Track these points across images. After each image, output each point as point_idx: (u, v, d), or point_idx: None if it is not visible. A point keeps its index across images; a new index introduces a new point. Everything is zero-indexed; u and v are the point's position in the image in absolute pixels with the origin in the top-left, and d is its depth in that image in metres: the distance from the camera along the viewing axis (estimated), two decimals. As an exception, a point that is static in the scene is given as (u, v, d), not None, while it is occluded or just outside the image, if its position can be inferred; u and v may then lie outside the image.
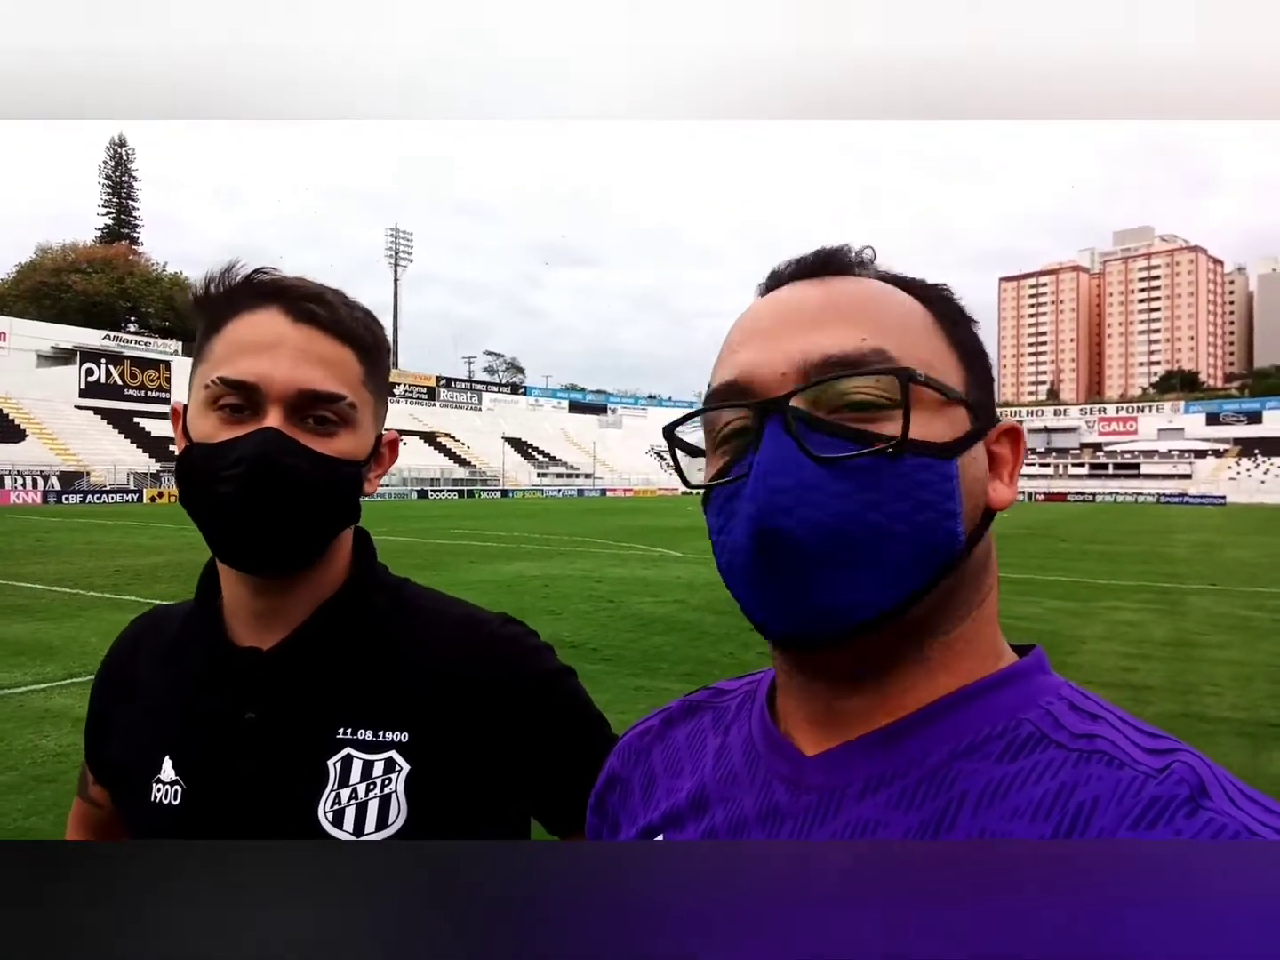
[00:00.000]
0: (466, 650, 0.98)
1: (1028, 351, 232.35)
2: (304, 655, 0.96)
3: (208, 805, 0.93)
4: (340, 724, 0.94)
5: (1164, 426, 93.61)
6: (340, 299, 0.96)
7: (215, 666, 0.97)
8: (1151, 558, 20.83)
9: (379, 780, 0.92)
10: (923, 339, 0.61)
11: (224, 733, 0.94)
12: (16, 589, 12.66)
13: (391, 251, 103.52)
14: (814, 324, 0.60)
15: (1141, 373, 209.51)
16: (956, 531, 0.57)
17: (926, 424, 0.58)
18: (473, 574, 14.88)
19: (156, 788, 0.96)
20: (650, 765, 0.75)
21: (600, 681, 7.46)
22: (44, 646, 8.83)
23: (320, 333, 0.92)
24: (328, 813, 0.91)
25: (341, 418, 0.93)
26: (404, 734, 0.94)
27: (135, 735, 1.01)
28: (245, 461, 0.87)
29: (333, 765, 0.92)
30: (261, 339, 0.90)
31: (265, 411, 0.89)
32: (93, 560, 16.58)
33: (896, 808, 0.57)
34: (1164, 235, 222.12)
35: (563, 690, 1.02)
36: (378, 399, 1.00)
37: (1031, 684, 0.60)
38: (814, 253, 0.65)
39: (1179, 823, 0.48)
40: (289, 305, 0.92)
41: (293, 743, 0.93)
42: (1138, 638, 10.22)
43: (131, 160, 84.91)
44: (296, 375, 0.89)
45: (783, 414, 0.57)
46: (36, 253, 72.56)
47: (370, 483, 1.00)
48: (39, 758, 5.62)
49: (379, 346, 0.98)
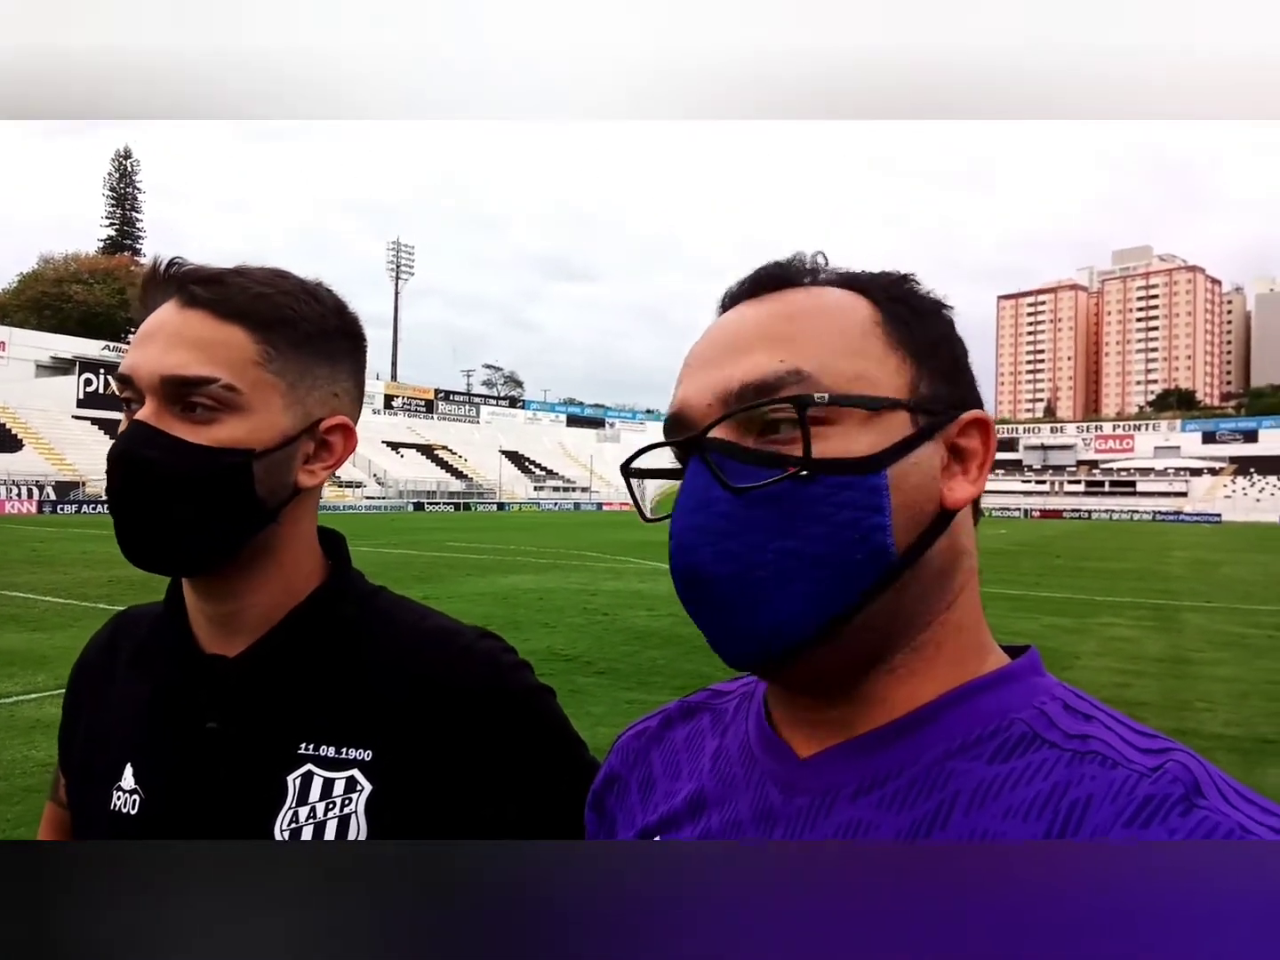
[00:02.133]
0: (440, 662, 0.94)
1: (1025, 369, 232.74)
2: (269, 665, 0.92)
3: (164, 816, 0.90)
4: (303, 739, 0.90)
5: (1160, 444, 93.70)
6: (253, 279, 0.90)
7: (180, 672, 0.94)
8: (1147, 575, 20.82)
9: (339, 799, 0.88)
10: (855, 349, 0.60)
11: (185, 742, 0.91)
12: (10, 599, 12.61)
13: (393, 264, 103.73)
14: (739, 350, 0.60)
15: (1138, 391, 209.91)
16: (885, 544, 0.56)
17: (849, 439, 0.57)
18: (468, 586, 14.84)
19: (116, 795, 0.93)
20: (649, 766, 0.75)
21: (594, 695, 7.44)
22: (37, 656, 8.79)
23: (203, 314, 0.87)
24: (284, 830, 0.88)
25: (221, 402, 0.86)
26: (367, 752, 0.89)
27: (100, 740, 0.98)
28: (110, 458, 0.86)
29: (292, 781, 0.89)
30: (147, 329, 0.88)
31: (145, 403, 0.86)
32: (87, 570, 16.52)
33: (889, 808, 0.57)
34: (1163, 255, 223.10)
35: (539, 709, 0.97)
36: (295, 380, 0.91)
37: (1025, 684, 0.60)
38: (763, 267, 0.65)
39: (1173, 821, 0.48)
40: (180, 292, 0.89)
41: (252, 756, 0.90)
42: (1132, 654, 10.21)
43: (136, 172, 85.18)
44: (162, 362, 0.85)
45: (701, 451, 0.59)
46: (39, 263, 72.71)
47: (313, 474, 0.94)
48: (29, 768, 5.59)
49: (290, 322, 0.90)
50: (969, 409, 0.62)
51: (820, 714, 0.61)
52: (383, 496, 59.34)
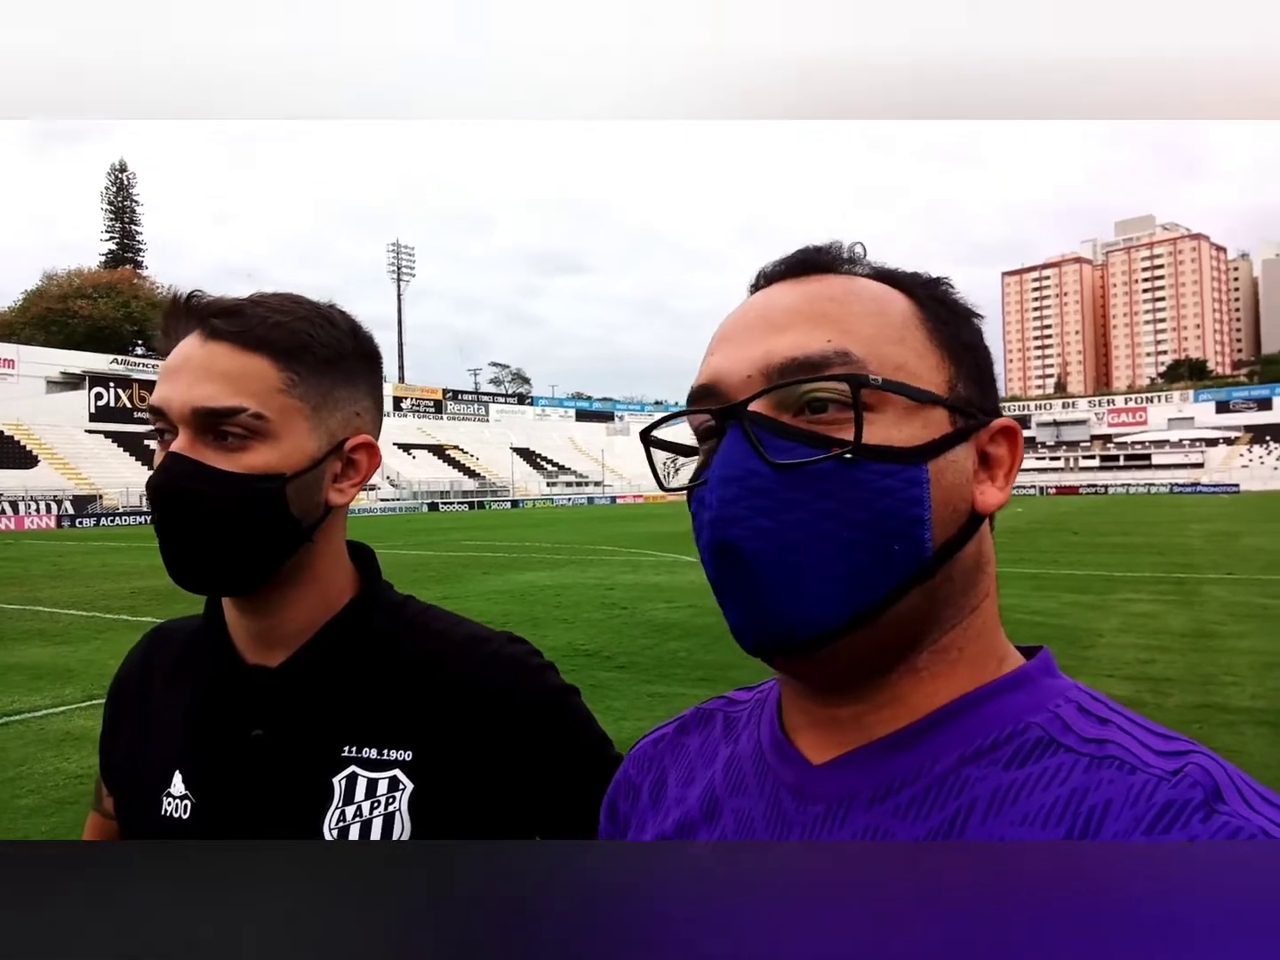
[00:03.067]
0: (470, 668, 0.98)
1: (1033, 345, 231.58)
2: (309, 674, 0.96)
3: (216, 820, 0.94)
4: (345, 742, 0.94)
5: (1174, 416, 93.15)
6: (271, 307, 0.93)
7: (224, 683, 0.98)
8: (1166, 548, 20.72)
9: (383, 798, 0.93)
10: (897, 338, 0.59)
11: (231, 749, 0.95)
12: (35, 613, 12.73)
13: (394, 266, 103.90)
14: (781, 327, 0.59)
15: (1149, 363, 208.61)
16: (922, 539, 0.56)
17: (893, 427, 0.56)
18: (485, 585, 14.88)
19: (166, 801, 0.97)
20: (662, 771, 0.75)
21: (615, 689, 7.45)
22: (63, 669, 8.87)
23: (226, 347, 0.90)
24: (332, 830, 0.92)
25: (251, 430, 0.89)
26: (408, 753, 0.94)
27: (145, 749, 1.02)
28: (150, 489, 0.91)
29: (338, 783, 0.93)
30: (172, 363, 0.92)
31: (179, 435, 0.90)
32: (109, 583, 16.65)
33: (905, 817, 0.56)
34: (1165, 224, 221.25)
35: (566, 709, 1.01)
36: (319, 404, 0.94)
37: (1039, 687, 0.59)
38: (800, 251, 0.64)
39: (1194, 827, 0.47)
40: (201, 325, 0.92)
41: (298, 760, 0.94)
42: (1155, 629, 10.17)
43: (133, 185, 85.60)
44: (191, 394, 0.89)
45: (741, 420, 0.57)
46: (42, 280, 73.19)
47: (342, 492, 0.97)
48: (61, 780, 5.64)
49: (308, 347, 0.93)
50: (988, 418, 0.61)
51: (835, 715, 0.60)
52: (397, 499, 59.56)
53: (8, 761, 6.00)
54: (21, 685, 8.23)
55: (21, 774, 5.77)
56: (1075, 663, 8.27)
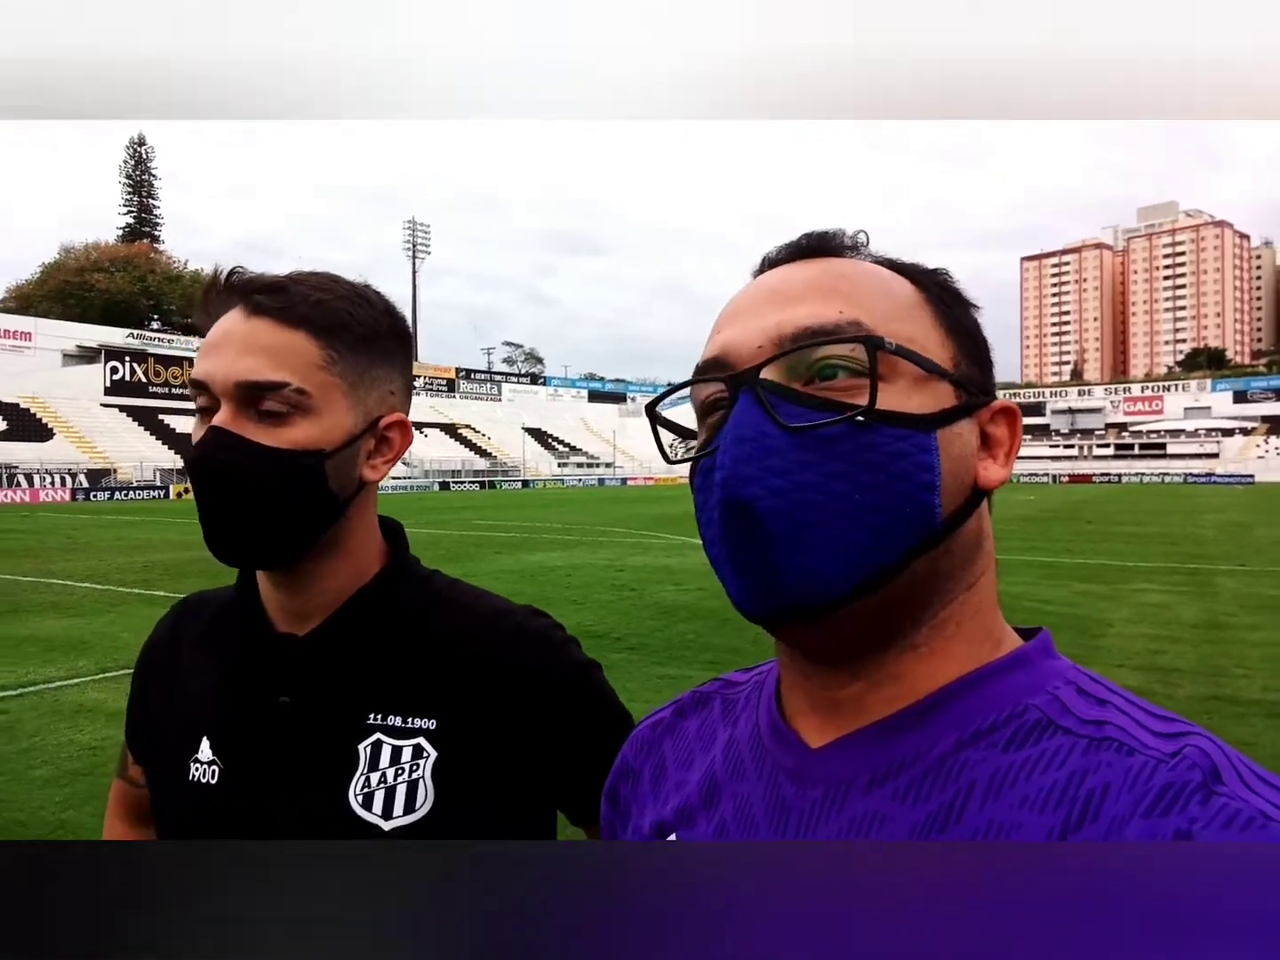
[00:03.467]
0: (494, 641, 1.00)
1: (1050, 331, 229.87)
2: (337, 642, 0.98)
3: (244, 785, 0.96)
4: (371, 710, 0.96)
5: (1190, 405, 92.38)
6: (311, 285, 0.95)
7: (253, 651, 1.00)
8: (1179, 539, 20.61)
9: (407, 765, 0.94)
10: (906, 315, 0.60)
11: (259, 715, 0.97)
12: (49, 586, 12.86)
13: (409, 244, 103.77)
14: (794, 298, 0.60)
15: (1167, 351, 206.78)
16: (933, 505, 0.56)
17: (903, 395, 0.57)
18: (496, 564, 14.95)
19: (194, 767, 0.98)
20: (661, 756, 0.75)
21: (624, 670, 7.48)
22: (76, 642, 8.97)
23: (269, 322, 0.91)
24: (357, 795, 0.93)
25: (292, 405, 0.91)
26: (432, 721, 0.95)
27: (174, 717, 1.03)
28: (192, 464, 0.91)
29: (363, 750, 0.94)
30: (214, 337, 0.92)
31: (220, 409, 0.91)
32: (122, 556, 16.80)
33: (903, 801, 0.56)
34: (1189, 210, 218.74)
35: (588, 683, 1.03)
36: (356, 381, 0.96)
37: (1037, 669, 0.59)
38: (805, 236, 0.65)
39: (1193, 809, 0.47)
40: (244, 300, 0.93)
41: (324, 727, 0.95)
42: (1166, 620, 10.13)
43: (151, 159, 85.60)
44: (234, 368, 0.89)
45: (753, 385, 0.57)
46: (60, 253, 73.40)
47: (375, 469, 0.99)
48: (74, 752, 5.71)
49: (347, 325, 0.94)
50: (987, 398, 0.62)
51: (835, 697, 0.60)
52: (409, 477, 59.71)
53: (22, 733, 6.08)
54: (35, 657, 8.32)
55: (35, 745, 5.85)
56: (1085, 652, 8.25)
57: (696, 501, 0.62)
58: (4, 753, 5.68)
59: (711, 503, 0.58)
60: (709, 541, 0.60)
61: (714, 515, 0.58)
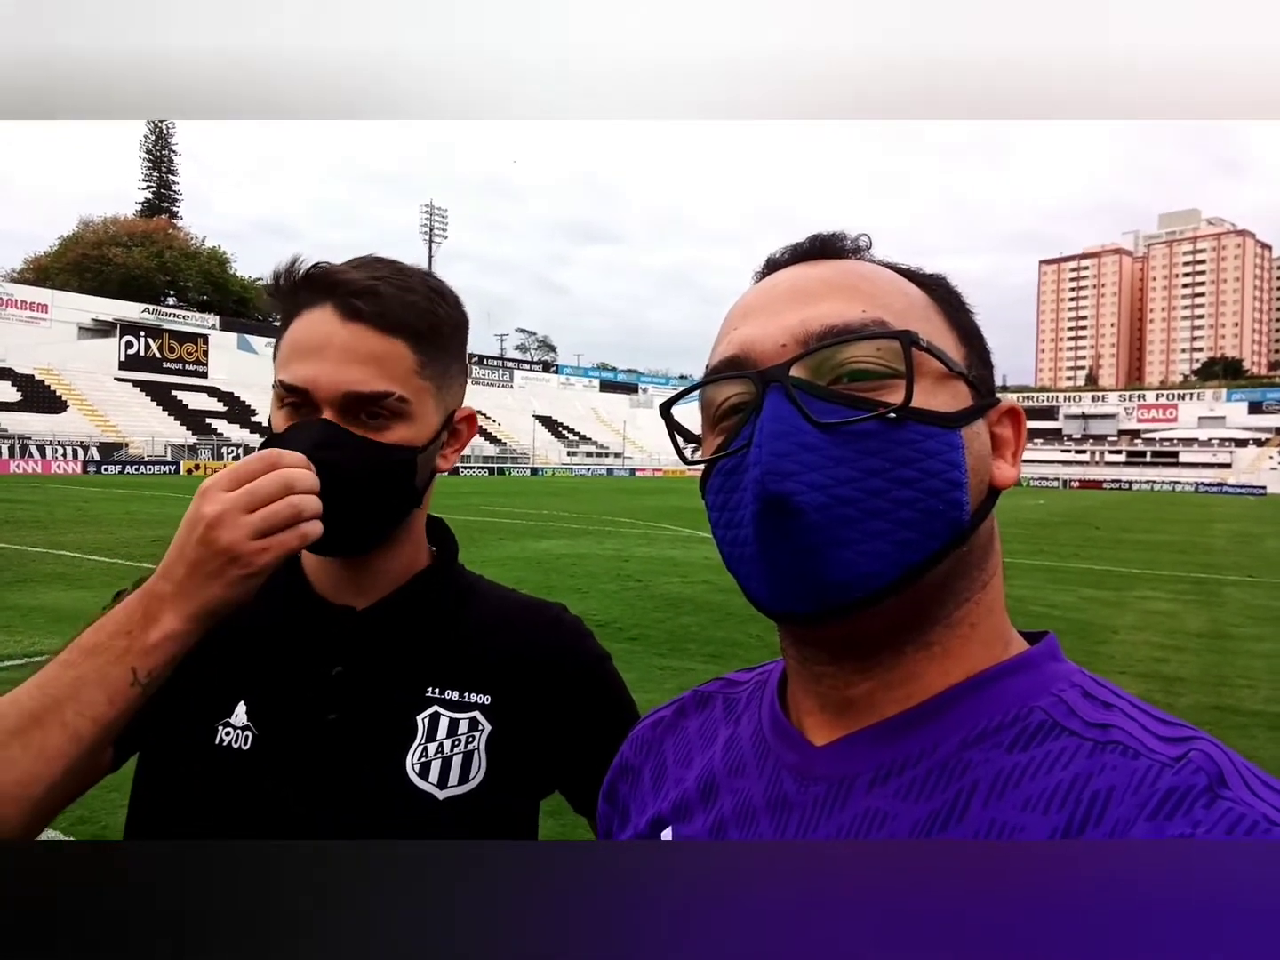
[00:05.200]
0: (537, 629, 1.07)
1: (1066, 336, 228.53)
2: (398, 617, 1.01)
3: (282, 752, 0.95)
4: (429, 683, 0.99)
5: (1205, 414, 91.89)
6: (397, 285, 0.96)
7: (302, 621, 1.01)
8: (1188, 548, 20.51)
9: (463, 737, 0.97)
10: (923, 315, 0.61)
11: (307, 684, 0.97)
12: (57, 557, 12.94)
13: (426, 228, 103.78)
14: (813, 297, 0.60)
15: (1183, 359, 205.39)
16: (962, 501, 0.56)
17: (929, 394, 0.57)
18: (502, 550, 15.01)
19: (223, 730, 0.97)
20: (661, 755, 0.75)
21: (627, 661, 7.50)
22: (84, 614, 8.98)
23: (369, 329, 0.93)
24: (415, 764, 0.95)
25: (393, 411, 0.94)
26: (486, 697, 1.00)
27: (198, 681, 1.00)
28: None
29: (421, 720, 0.97)
30: (311, 341, 0.93)
31: (321, 411, 0.92)
32: (131, 530, 16.89)
33: (906, 798, 0.56)
34: (1211, 219, 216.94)
35: (607, 674, 1.10)
36: (441, 382, 0.99)
37: (1043, 671, 0.59)
38: (810, 238, 0.65)
39: (1197, 813, 0.47)
40: (340, 302, 0.93)
41: (382, 697, 0.98)
42: (1171, 628, 10.09)
43: (171, 134, 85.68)
44: (341, 378, 0.91)
45: (783, 382, 0.57)
46: (78, 226, 73.61)
47: (445, 459, 1.04)
48: (79, 722, 5.76)
49: (437, 329, 0.97)
50: (995, 399, 0.63)
51: (848, 691, 0.60)
52: (417, 460, 59.68)
53: (27, 700, 6.14)
54: (43, 628, 8.38)
55: (40, 713, 5.90)
56: (1088, 658, 8.22)
57: (713, 503, 0.61)
58: (9, 720, 5.74)
59: (743, 501, 0.57)
60: (734, 542, 0.59)
61: (745, 514, 0.57)
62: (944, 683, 0.59)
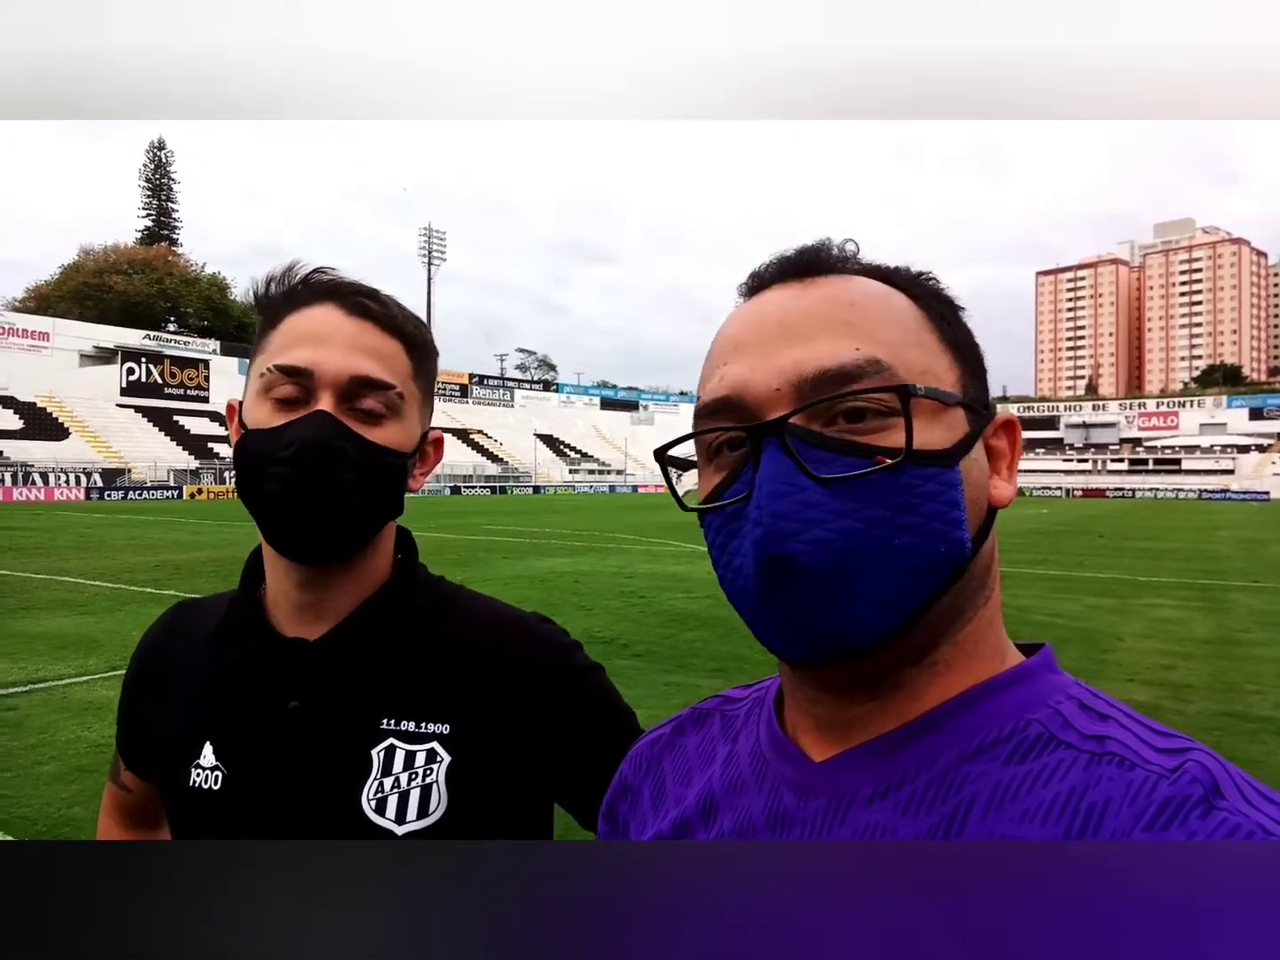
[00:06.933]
0: (507, 644, 1.01)
1: (1065, 346, 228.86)
2: (349, 647, 0.98)
3: (248, 791, 0.95)
4: (384, 715, 0.96)
5: (1206, 421, 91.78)
6: (392, 299, 1.00)
7: (259, 656, 0.99)
8: (1193, 554, 20.45)
9: (421, 770, 0.94)
10: (915, 341, 0.59)
11: (266, 721, 0.96)
12: (60, 583, 12.93)
13: (424, 250, 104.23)
14: (804, 334, 0.58)
15: (1183, 367, 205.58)
16: (963, 540, 0.56)
17: (926, 431, 0.56)
18: (506, 569, 14.96)
19: (195, 772, 0.97)
20: (661, 774, 0.74)
21: (632, 678, 7.46)
22: (87, 640, 9.01)
23: (373, 326, 0.95)
24: (371, 800, 0.93)
25: (390, 408, 0.95)
26: (445, 726, 0.96)
27: (172, 722, 1.02)
28: (298, 443, 0.89)
29: (376, 754, 0.94)
30: (316, 330, 0.94)
31: (317, 398, 0.91)
32: (134, 556, 16.88)
33: (905, 813, 0.56)
34: (1206, 227, 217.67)
35: (593, 686, 1.05)
36: (424, 396, 1.02)
37: (1039, 683, 0.59)
38: (796, 251, 0.64)
39: (1193, 824, 0.47)
40: (343, 300, 0.95)
41: (337, 732, 0.95)
42: (1178, 635, 10.04)
43: (170, 163, 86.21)
44: (349, 362, 0.92)
45: (780, 436, 0.56)
46: (79, 254, 74.00)
47: (415, 479, 1.02)
48: (82, 749, 5.73)
49: (426, 346, 1.01)
50: (990, 414, 0.62)
51: (848, 711, 0.60)
52: (419, 481, 59.75)
53: (30, 728, 6.11)
54: (46, 654, 8.36)
55: (43, 741, 5.87)
56: (1095, 666, 8.19)
57: (713, 541, 0.61)
58: (13, 748, 5.71)
59: (742, 549, 0.57)
60: (735, 589, 0.59)
61: (747, 566, 0.57)
62: (943, 698, 0.59)
